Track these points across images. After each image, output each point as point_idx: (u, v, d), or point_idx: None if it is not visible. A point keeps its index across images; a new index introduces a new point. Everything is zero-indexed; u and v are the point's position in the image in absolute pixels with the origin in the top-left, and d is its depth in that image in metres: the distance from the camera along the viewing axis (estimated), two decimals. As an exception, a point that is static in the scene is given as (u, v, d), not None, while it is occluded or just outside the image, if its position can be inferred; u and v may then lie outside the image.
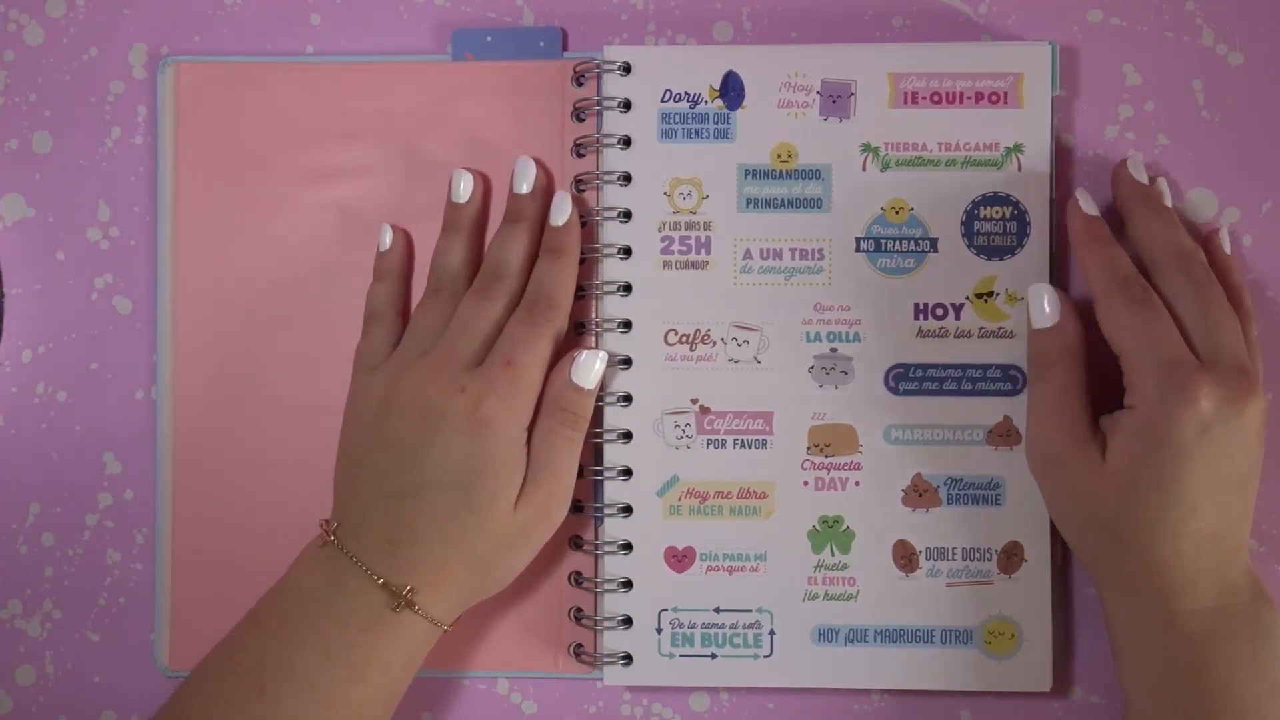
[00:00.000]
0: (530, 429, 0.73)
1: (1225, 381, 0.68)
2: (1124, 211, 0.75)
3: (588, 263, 0.77)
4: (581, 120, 0.78)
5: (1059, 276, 0.77)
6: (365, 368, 0.76)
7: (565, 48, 0.80)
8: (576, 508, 0.76)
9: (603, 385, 0.76)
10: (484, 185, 0.79)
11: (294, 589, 0.71)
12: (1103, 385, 0.72)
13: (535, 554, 0.74)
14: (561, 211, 0.76)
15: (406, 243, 0.79)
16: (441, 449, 0.71)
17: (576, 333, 0.77)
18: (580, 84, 0.78)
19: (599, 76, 0.77)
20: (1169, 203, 0.75)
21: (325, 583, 0.70)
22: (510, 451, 0.72)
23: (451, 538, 0.71)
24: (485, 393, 0.71)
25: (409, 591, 0.69)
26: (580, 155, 0.78)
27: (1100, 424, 0.72)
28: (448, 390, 0.71)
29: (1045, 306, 0.73)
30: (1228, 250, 0.76)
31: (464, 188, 0.77)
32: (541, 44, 0.79)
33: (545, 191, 0.78)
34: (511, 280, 0.76)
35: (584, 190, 0.78)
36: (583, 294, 0.77)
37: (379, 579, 0.69)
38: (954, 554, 0.76)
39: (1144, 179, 0.75)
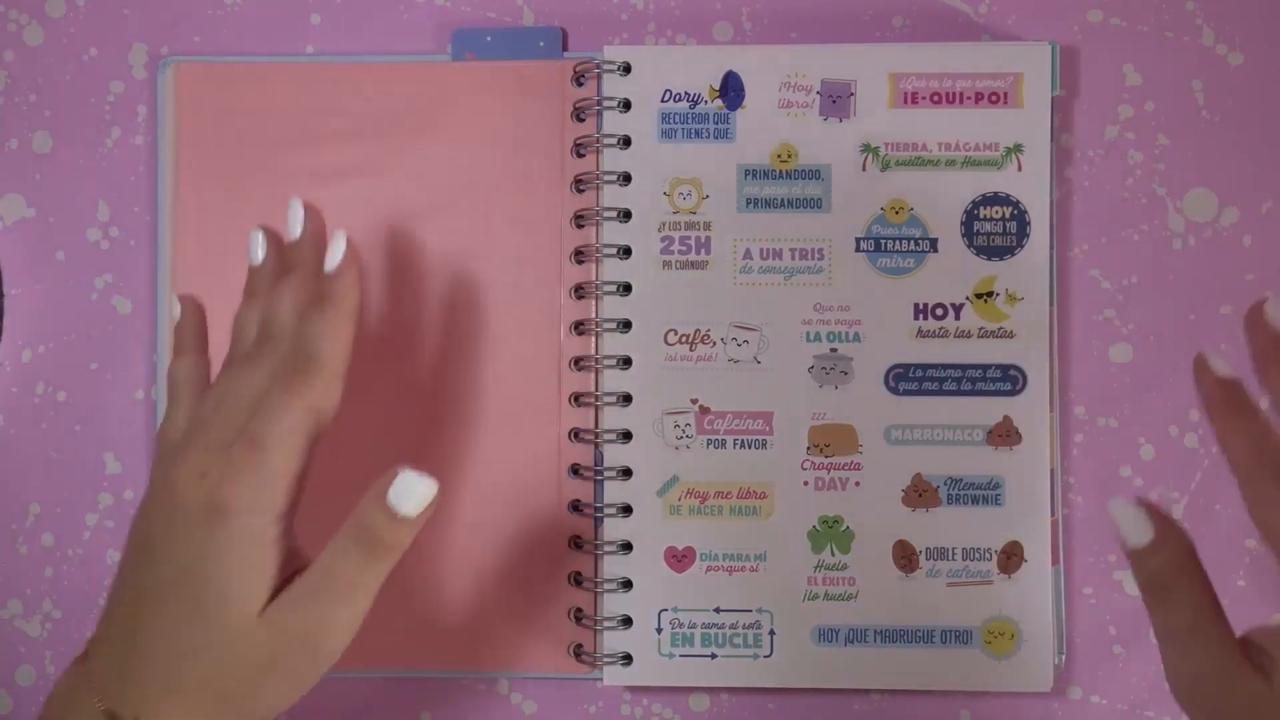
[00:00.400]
0: (288, 522, 0.63)
1: None
2: (1259, 373, 0.65)
3: (586, 263, 0.77)
4: (581, 120, 0.78)
5: (1059, 277, 0.77)
6: (164, 454, 0.66)
7: (565, 48, 0.80)
8: (576, 508, 0.77)
9: (600, 386, 0.76)
10: (278, 245, 0.71)
11: (51, 700, 0.63)
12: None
13: (299, 689, 0.63)
14: (334, 254, 0.67)
15: (201, 313, 0.71)
16: (174, 544, 0.61)
17: (576, 333, 0.77)
18: (580, 84, 0.78)
19: (599, 76, 0.77)
20: None
21: (68, 705, 0.62)
22: (250, 549, 0.61)
23: (183, 653, 0.61)
24: (224, 478, 0.61)
25: None
26: (580, 155, 0.78)
27: (1254, 638, 0.60)
28: (190, 476, 0.61)
29: (1135, 528, 0.60)
30: None
31: (257, 247, 0.70)
32: (541, 44, 0.79)
33: (320, 235, 0.70)
34: (281, 339, 0.66)
35: (584, 190, 0.78)
36: (582, 294, 0.77)
37: (99, 703, 0.61)
38: (954, 554, 0.76)
39: None
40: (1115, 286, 0.78)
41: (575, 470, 0.77)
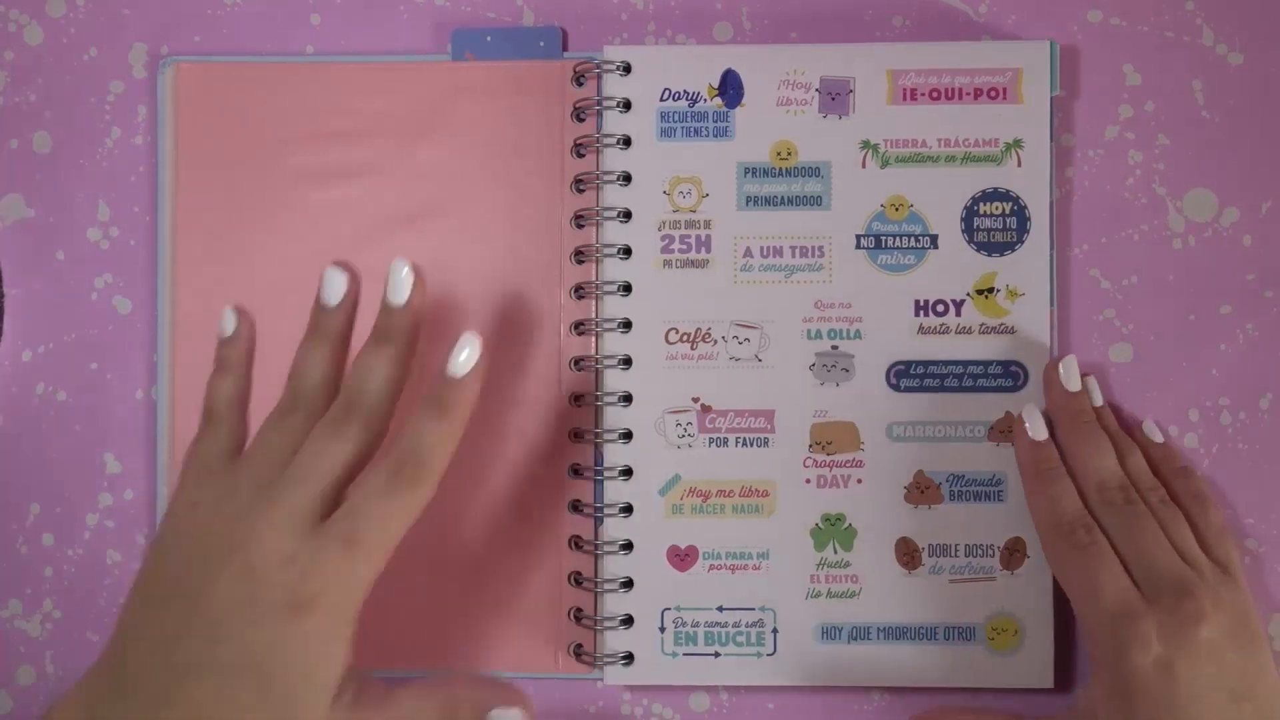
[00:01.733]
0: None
1: (1170, 612, 0.66)
2: (1053, 426, 0.75)
3: (586, 263, 0.77)
4: (581, 120, 0.78)
5: (1059, 277, 0.77)
6: (193, 478, 0.66)
7: (565, 48, 0.80)
8: (576, 508, 0.77)
9: (601, 385, 0.76)
10: (356, 289, 0.70)
11: None
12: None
13: None
14: (463, 360, 0.66)
15: (252, 329, 0.72)
16: (247, 627, 0.59)
17: (576, 333, 0.77)
18: (580, 84, 0.78)
19: (599, 76, 0.77)
20: (1099, 400, 0.76)
21: None
22: (327, 649, 0.61)
23: None
24: (311, 571, 0.60)
25: None
26: (580, 155, 0.78)
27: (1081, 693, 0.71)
28: (274, 558, 0.60)
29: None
30: (1158, 439, 0.76)
31: (336, 290, 0.69)
32: (542, 44, 0.79)
33: (422, 311, 0.69)
34: (369, 413, 0.65)
35: (584, 190, 0.77)
36: (582, 294, 0.77)
37: None
38: (957, 550, 0.76)
39: (1074, 385, 0.75)
40: (1115, 286, 0.78)
41: (575, 470, 0.77)
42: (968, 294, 0.76)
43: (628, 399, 0.77)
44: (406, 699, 0.63)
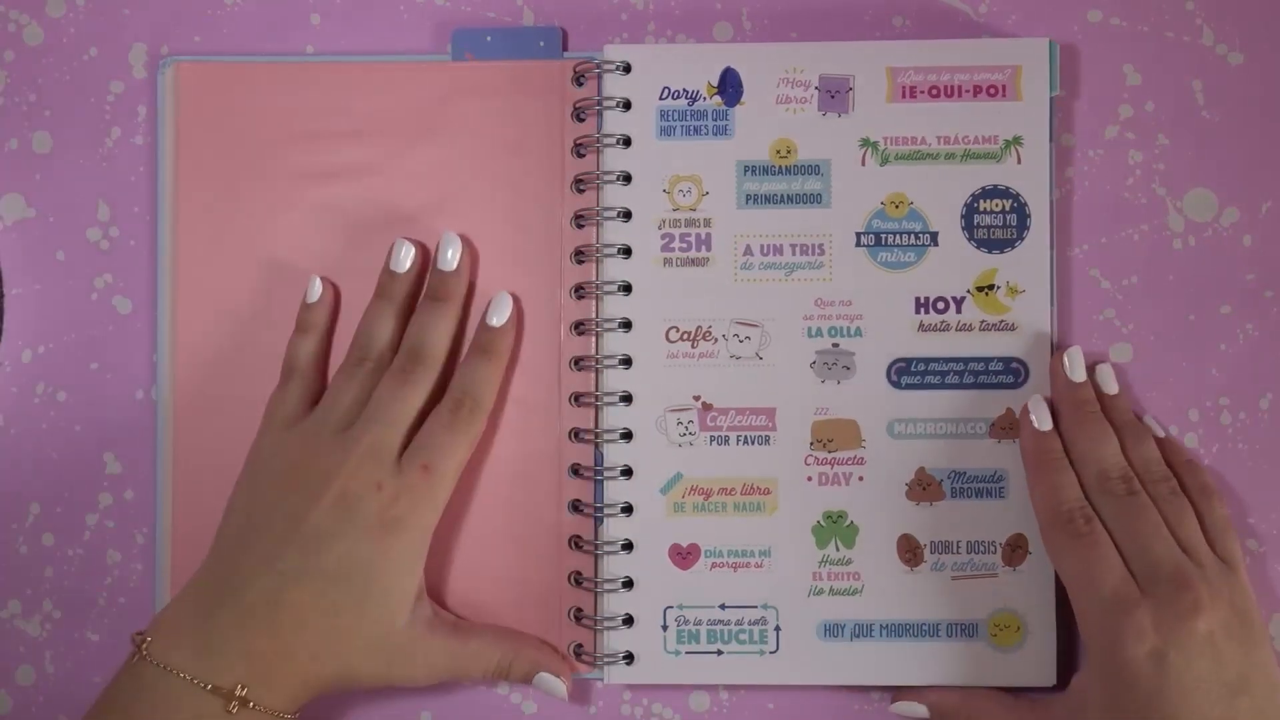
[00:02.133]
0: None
1: (1166, 604, 0.67)
2: (1058, 416, 0.76)
3: (586, 263, 0.77)
4: (582, 120, 0.78)
5: (1059, 277, 0.77)
6: (277, 424, 0.75)
7: (565, 48, 0.80)
8: (576, 508, 0.77)
9: (601, 385, 0.77)
10: (424, 257, 0.78)
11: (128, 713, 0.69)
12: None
13: (388, 685, 0.73)
14: (500, 311, 0.76)
15: (335, 297, 0.79)
16: (350, 543, 0.70)
17: (576, 333, 0.77)
18: (580, 84, 0.78)
19: (599, 76, 0.77)
20: (1114, 388, 0.76)
21: (156, 698, 0.68)
22: (413, 560, 0.72)
23: (327, 635, 0.70)
24: (399, 495, 0.71)
25: (242, 690, 0.68)
26: (580, 155, 0.78)
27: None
28: (366, 485, 0.71)
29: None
30: (1159, 434, 0.76)
31: (404, 258, 0.77)
32: (542, 44, 0.79)
33: (470, 269, 0.78)
34: (433, 363, 0.75)
35: (584, 190, 0.78)
36: (582, 294, 0.77)
37: (207, 685, 0.67)
38: (959, 547, 0.76)
39: (1078, 375, 0.75)
40: (1115, 286, 0.78)
41: (575, 470, 0.77)
42: (968, 291, 0.76)
43: (628, 398, 0.77)
44: (474, 637, 0.75)
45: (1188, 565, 0.69)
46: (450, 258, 0.76)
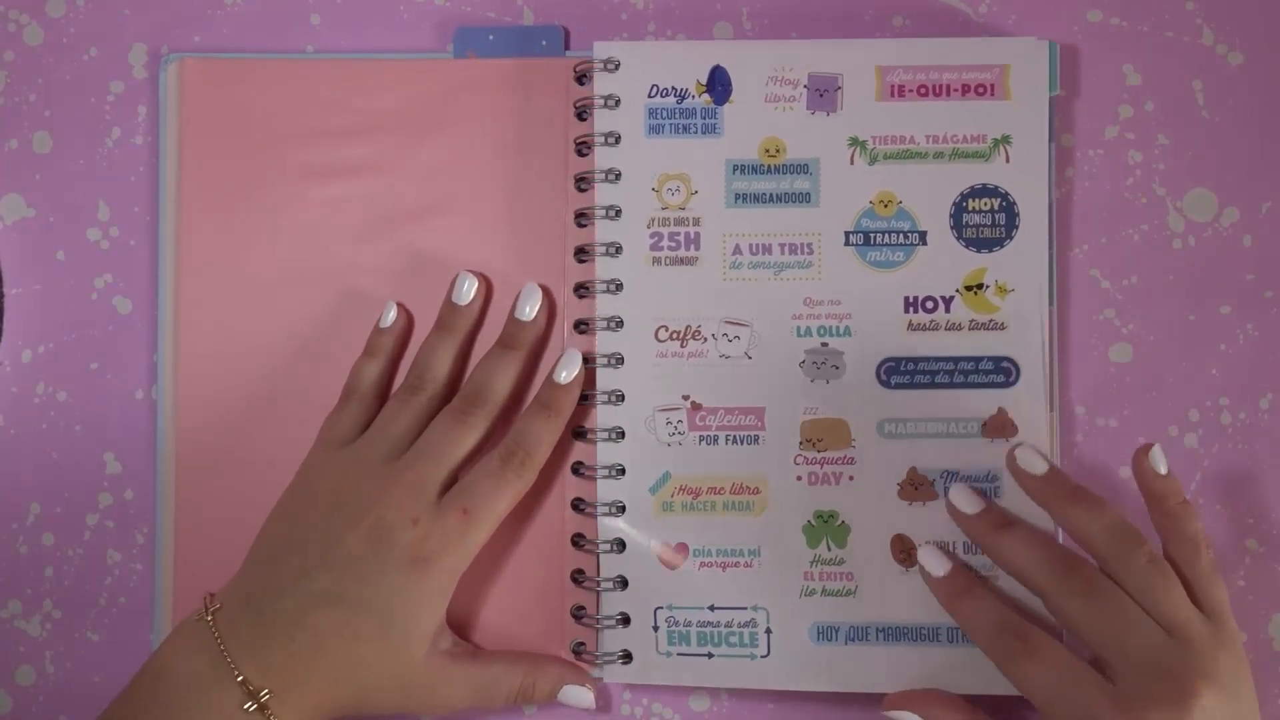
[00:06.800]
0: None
1: (1134, 706, 0.65)
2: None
3: (588, 262, 0.77)
4: (583, 119, 0.78)
5: (1058, 277, 0.77)
6: (330, 443, 0.76)
7: (567, 46, 0.80)
8: (577, 507, 0.77)
9: (593, 384, 0.77)
10: (486, 291, 0.78)
11: (167, 670, 0.70)
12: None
13: (422, 708, 0.73)
14: (571, 370, 0.76)
15: (407, 324, 0.79)
16: (378, 573, 0.70)
17: (578, 332, 0.77)
18: (582, 83, 0.78)
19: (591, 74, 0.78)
20: (1042, 466, 0.74)
21: (196, 667, 0.69)
22: (437, 601, 0.72)
23: (347, 661, 0.70)
24: (432, 533, 0.71)
25: (266, 695, 0.68)
26: (582, 154, 0.78)
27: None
28: (402, 518, 0.71)
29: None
30: (1162, 471, 0.72)
31: (467, 291, 0.77)
32: (544, 43, 0.79)
33: (545, 322, 0.78)
34: (492, 408, 0.75)
35: (585, 189, 0.78)
36: (584, 293, 0.77)
37: (239, 675, 0.68)
38: (954, 548, 0.75)
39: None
40: (1115, 286, 0.78)
41: (576, 470, 0.77)
42: (957, 290, 0.76)
43: (620, 397, 0.77)
44: (494, 663, 0.75)
45: (1167, 646, 0.67)
46: (529, 311, 0.76)
